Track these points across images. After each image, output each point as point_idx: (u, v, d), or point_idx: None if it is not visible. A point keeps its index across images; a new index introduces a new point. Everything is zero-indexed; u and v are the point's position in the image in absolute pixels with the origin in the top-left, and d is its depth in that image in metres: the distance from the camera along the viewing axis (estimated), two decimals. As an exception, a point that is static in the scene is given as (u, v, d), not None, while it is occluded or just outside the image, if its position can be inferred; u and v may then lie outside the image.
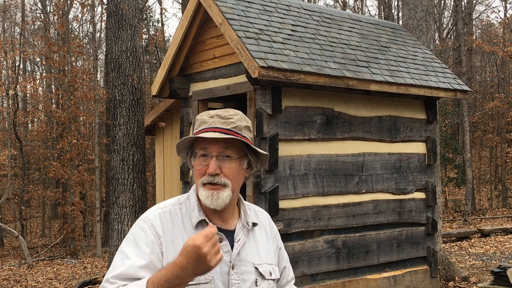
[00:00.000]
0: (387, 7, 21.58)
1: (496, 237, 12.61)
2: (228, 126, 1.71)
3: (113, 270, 1.65)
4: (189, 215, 1.73)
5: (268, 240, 1.87)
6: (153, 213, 1.74)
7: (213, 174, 1.68)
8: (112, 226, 7.35)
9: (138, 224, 1.73)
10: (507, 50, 19.35)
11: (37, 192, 20.66)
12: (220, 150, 1.70)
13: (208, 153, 1.70)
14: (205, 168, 1.70)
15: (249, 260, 1.75)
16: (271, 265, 1.82)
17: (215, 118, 1.73)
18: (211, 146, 1.70)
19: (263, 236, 1.85)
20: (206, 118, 1.74)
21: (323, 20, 6.54)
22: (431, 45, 8.28)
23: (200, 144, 1.72)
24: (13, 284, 9.86)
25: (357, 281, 5.89)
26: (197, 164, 1.73)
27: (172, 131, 7.91)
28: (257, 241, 1.81)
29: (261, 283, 1.76)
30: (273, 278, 1.80)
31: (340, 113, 5.79)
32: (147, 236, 1.68)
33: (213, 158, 1.69)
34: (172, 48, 6.22)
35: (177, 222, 1.72)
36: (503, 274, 6.53)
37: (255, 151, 1.78)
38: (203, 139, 1.71)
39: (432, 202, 6.64)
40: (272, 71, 4.97)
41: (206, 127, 1.72)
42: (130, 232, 1.74)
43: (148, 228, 1.69)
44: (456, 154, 18.39)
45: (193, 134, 1.74)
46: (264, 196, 5.17)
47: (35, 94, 21.70)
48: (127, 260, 1.64)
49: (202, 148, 1.71)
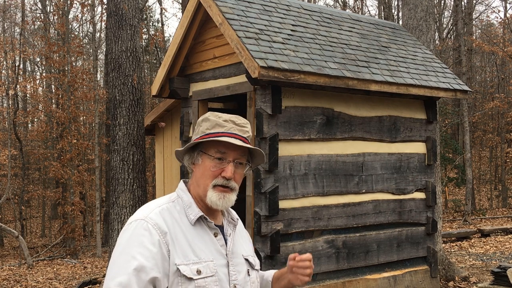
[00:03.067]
0: (387, 7, 21.58)
1: (496, 237, 12.61)
2: (244, 134, 1.80)
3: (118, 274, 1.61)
4: (185, 213, 1.77)
5: (245, 233, 1.99)
6: (152, 211, 1.74)
7: (230, 178, 1.76)
8: (112, 226, 7.35)
9: (140, 225, 1.69)
10: (507, 50, 19.35)
11: (37, 192, 20.65)
12: (237, 156, 1.78)
13: (224, 158, 1.77)
14: (219, 171, 1.76)
15: (239, 252, 1.84)
16: (253, 257, 1.92)
17: (230, 123, 1.79)
18: (230, 151, 1.77)
19: (241, 230, 1.96)
20: (220, 121, 1.79)
21: (323, 20, 6.54)
22: (431, 45, 8.28)
23: (217, 147, 1.77)
24: (13, 284, 9.86)
25: (357, 281, 5.89)
26: (210, 165, 1.77)
27: (172, 131, 7.91)
28: (239, 235, 1.91)
29: (252, 273, 1.86)
30: (257, 269, 1.91)
31: (340, 113, 5.79)
32: (152, 236, 1.67)
33: (230, 163, 1.77)
34: (172, 48, 6.22)
35: (176, 219, 1.75)
36: (503, 274, 6.53)
37: (252, 159, 1.88)
38: (222, 143, 1.76)
39: (432, 202, 6.64)
40: (272, 71, 4.97)
41: (225, 132, 1.77)
42: (129, 234, 1.69)
43: (152, 228, 1.68)
44: (456, 154, 18.39)
45: (206, 135, 1.78)
46: (264, 196, 5.17)
47: (35, 94, 21.69)
48: (134, 261, 1.62)
49: (220, 152, 1.77)
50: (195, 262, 1.69)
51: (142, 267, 1.61)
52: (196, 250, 1.71)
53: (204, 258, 1.71)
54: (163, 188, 7.98)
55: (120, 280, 1.59)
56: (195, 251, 1.71)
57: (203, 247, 1.73)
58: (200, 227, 1.77)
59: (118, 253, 1.67)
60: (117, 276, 1.61)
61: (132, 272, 1.60)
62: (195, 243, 1.72)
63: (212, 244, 1.76)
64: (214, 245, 1.76)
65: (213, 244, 1.76)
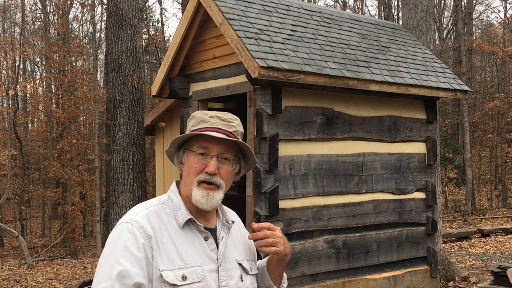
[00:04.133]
0: (387, 7, 21.57)
1: (496, 237, 12.61)
2: (230, 129, 1.72)
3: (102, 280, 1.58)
4: (174, 215, 1.71)
5: (242, 237, 1.88)
6: (139, 214, 1.68)
7: (212, 173, 1.68)
8: (112, 226, 7.35)
9: (125, 227, 1.64)
10: (507, 50, 19.35)
11: (37, 192, 20.64)
12: (221, 151, 1.70)
13: (207, 153, 1.70)
14: (202, 167, 1.69)
15: (232, 257, 1.76)
16: (249, 261, 1.84)
17: (215, 119, 1.73)
18: (212, 146, 1.70)
19: (238, 233, 1.87)
20: (205, 117, 1.73)
21: (323, 20, 6.54)
22: (431, 45, 8.28)
23: (200, 142, 1.71)
24: (13, 284, 9.86)
25: (357, 281, 5.89)
26: (193, 161, 1.70)
27: (172, 131, 7.91)
28: (234, 239, 1.83)
29: (245, 278, 1.78)
30: (253, 274, 1.82)
31: (340, 113, 5.79)
32: (137, 239, 1.61)
33: (213, 158, 1.69)
34: (172, 48, 6.22)
35: (164, 222, 1.69)
36: (503, 274, 6.53)
37: (245, 157, 1.80)
38: (204, 137, 1.70)
39: (432, 202, 6.64)
40: (272, 71, 4.97)
41: (208, 126, 1.71)
42: (115, 237, 1.64)
43: (137, 231, 1.63)
44: (456, 154, 18.39)
45: (191, 131, 1.72)
46: (264, 196, 5.17)
47: (35, 94, 21.69)
48: (118, 266, 1.57)
49: (202, 147, 1.70)
50: (180, 267, 1.62)
51: (126, 272, 1.56)
52: (183, 255, 1.65)
53: (191, 263, 1.64)
54: (163, 188, 7.98)
55: (104, 285, 1.56)
56: (181, 255, 1.64)
57: (191, 251, 1.66)
58: (190, 230, 1.70)
59: (104, 257, 1.63)
60: (101, 282, 1.57)
61: (115, 278, 1.56)
62: (182, 247, 1.66)
63: (202, 248, 1.69)
64: (204, 249, 1.69)
65: (203, 248, 1.69)
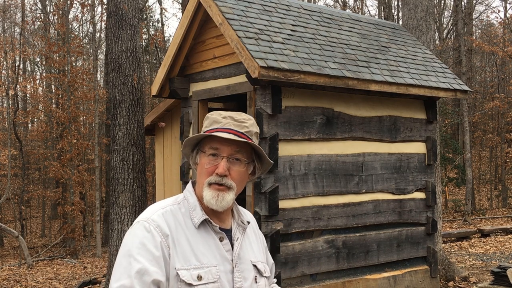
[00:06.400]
0: (387, 7, 21.57)
1: (496, 237, 12.61)
2: (242, 129, 1.71)
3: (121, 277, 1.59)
4: (190, 215, 1.71)
5: (256, 238, 1.89)
6: (155, 213, 1.69)
7: (222, 174, 1.67)
8: (112, 226, 7.35)
9: (142, 226, 1.66)
10: (507, 50, 19.35)
11: (37, 192, 20.65)
12: (231, 152, 1.70)
13: (218, 153, 1.70)
14: (213, 168, 1.69)
15: (247, 258, 1.76)
16: (263, 263, 1.84)
17: (228, 119, 1.72)
18: (223, 146, 1.69)
19: (253, 235, 1.87)
20: (218, 118, 1.73)
21: (323, 20, 6.54)
22: (431, 45, 8.28)
23: (211, 143, 1.71)
24: (13, 284, 9.86)
25: (357, 281, 5.89)
26: (205, 162, 1.71)
27: (172, 131, 7.91)
28: (249, 240, 1.83)
29: (260, 280, 1.78)
30: (266, 276, 1.82)
31: (340, 113, 5.80)
32: (154, 238, 1.63)
33: (223, 159, 1.68)
34: (172, 48, 6.22)
35: (179, 222, 1.70)
36: (503, 274, 6.53)
37: (260, 158, 1.78)
38: (215, 138, 1.69)
39: (432, 202, 6.64)
40: (272, 71, 4.97)
41: (220, 127, 1.70)
42: (133, 235, 1.66)
43: (154, 229, 1.64)
44: (456, 154, 18.39)
45: (204, 132, 1.72)
46: (264, 196, 5.17)
47: (35, 94, 21.69)
48: (137, 264, 1.59)
49: (213, 148, 1.70)
50: (196, 267, 1.63)
51: (145, 270, 1.58)
52: (198, 255, 1.66)
53: (207, 263, 1.65)
54: (163, 188, 7.98)
55: (123, 283, 1.57)
56: (197, 255, 1.65)
57: (206, 251, 1.67)
58: (205, 230, 1.71)
59: (122, 255, 1.64)
60: (120, 279, 1.59)
61: (134, 275, 1.57)
62: (198, 247, 1.67)
63: (217, 249, 1.70)
64: (219, 250, 1.70)
65: (218, 249, 1.70)
